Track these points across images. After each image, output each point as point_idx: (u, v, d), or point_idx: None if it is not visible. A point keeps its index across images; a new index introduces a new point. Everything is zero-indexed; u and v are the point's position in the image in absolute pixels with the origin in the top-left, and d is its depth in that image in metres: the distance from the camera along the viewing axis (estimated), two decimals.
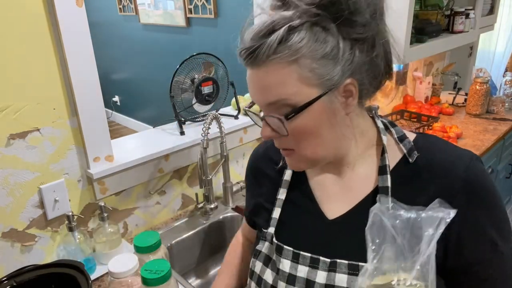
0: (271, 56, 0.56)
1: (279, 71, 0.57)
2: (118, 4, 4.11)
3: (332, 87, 0.59)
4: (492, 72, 3.52)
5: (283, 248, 0.69)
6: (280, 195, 0.75)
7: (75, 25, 1.01)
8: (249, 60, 0.58)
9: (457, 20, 1.99)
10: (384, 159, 0.67)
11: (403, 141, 0.68)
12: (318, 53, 0.56)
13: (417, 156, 0.66)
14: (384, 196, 0.63)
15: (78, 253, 1.07)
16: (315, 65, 0.56)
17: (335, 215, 0.69)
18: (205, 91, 1.45)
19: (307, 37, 0.56)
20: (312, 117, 0.60)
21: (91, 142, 1.12)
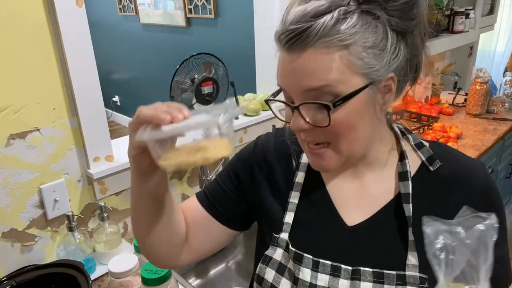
0: (322, 38, 0.52)
1: (328, 55, 0.52)
2: (118, 4, 4.11)
3: (376, 78, 0.56)
4: (492, 72, 3.52)
5: (303, 256, 0.65)
6: (292, 199, 0.70)
7: (75, 25, 1.01)
8: (294, 42, 0.53)
9: (457, 20, 1.99)
10: (404, 165, 0.66)
11: (421, 149, 0.68)
12: (369, 42, 0.53)
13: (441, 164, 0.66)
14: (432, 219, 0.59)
15: (78, 253, 1.07)
16: (364, 53, 0.53)
17: (354, 221, 0.67)
18: (205, 91, 1.45)
19: (359, 24, 0.52)
20: (355, 108, 0.56)
21: (91, 142, 1.12)
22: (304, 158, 0.73)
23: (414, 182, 0.65)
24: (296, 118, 0.58)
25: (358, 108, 0.56)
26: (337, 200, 0.69)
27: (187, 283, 1.09)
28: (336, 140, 0.59)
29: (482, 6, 2.18)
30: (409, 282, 0.60)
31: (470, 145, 1.91)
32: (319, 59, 0.53)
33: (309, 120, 0.57)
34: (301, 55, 0.53)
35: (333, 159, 0.61)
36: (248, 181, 0.76)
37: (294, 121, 0.58)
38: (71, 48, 1.01)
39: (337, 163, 0.61)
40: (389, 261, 0.62)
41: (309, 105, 0.56)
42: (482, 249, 0.53)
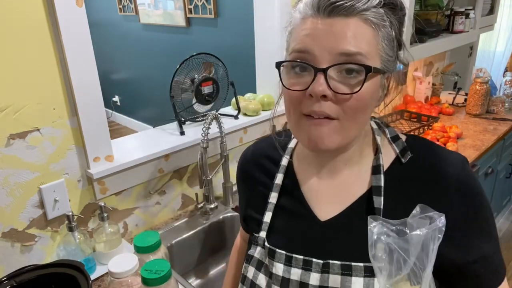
0: (364, 12, 0.56)
1: (367, 27, 0.56)
2: (118, 4, 4.11)
3: (387, 69, 0.60)
4: (492, 72, 3.52)
5: (276, 251, 0.68)
6: (271, 199, 0.74)
7: (75, 25, 1.01)
8: (338, 7, 0.55)
9: (457, 20, 1.99)
10: (378, 158, 0.67)
11: (396, 141, 0.69)
12: (388, 36, 0.59)
13: (410, 157, 0.66)
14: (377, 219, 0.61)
15: (78, 253, 1.07)
16: (387, 42, 0.59)
17: (327, 216, 0.69)
18: (205, 91, 1.45)
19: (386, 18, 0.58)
20: (373, 87, 0.59)
21: (91, 142, 1.12)
22: (284, 161, 0.76)
23: (387, 175, 0.66)
24: (318, 81, 0.56)
25: (374, 88, 0.59)
26: (311, 198, 0.71)
27: (187, 283, 1.09)
28: (346, 115, 0.58)
29: (482, 6, 2.18)
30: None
31: (470, 145, 1.91)
32: (359, 27, 0.56)
33: (332, 87, 0.57)
34: (343, 20, 0.56)
35: (334, 135, 0.60)
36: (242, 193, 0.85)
37: (317, 83, 0.56)
38: (71, 48, 1.01)
39: (336, 140, 0.61)
40: (358, 254, 0.63)
41: (335, 71, 0.57)
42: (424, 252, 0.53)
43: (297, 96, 0.60)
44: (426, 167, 0.65)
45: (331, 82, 0.57)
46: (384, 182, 0.65)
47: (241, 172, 0.84)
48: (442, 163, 0.65)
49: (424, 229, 0.53)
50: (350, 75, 0.57)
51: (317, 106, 0.58)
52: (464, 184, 0.63)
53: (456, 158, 0.66)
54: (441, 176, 0.64)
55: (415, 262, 0.53)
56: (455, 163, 0.65)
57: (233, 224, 1.43)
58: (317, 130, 0.60)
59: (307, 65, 0.58)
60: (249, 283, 0.71)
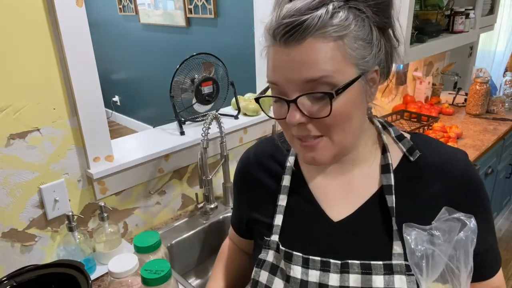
0: (320, 30, 0.54)
1: (326, 45, 0.55)
2: (118, 4, 4.11)
3: (367, 69, 0.60)
4: (492, 72, 3.52)
5: (293, 254, 0.68)
6: (281, 202, 0.73)
7: (75, 25, 1.01)
8: (291, 34, 0.55)
9: (457, 20, 1.99)
10: (386, 157, 0.68)
11: (402, 141, 0.70)
12: (359, 35, 0.57)
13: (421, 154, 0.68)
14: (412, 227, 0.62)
15: (78, 253, 1.07)
16: (356, 45, 0.57)
17: (339, 217, 0.69)
18: (205, 91, 1.45)
19: (350, 17, 0.56)
20: (351, 98, 0.59)
21: (91, 142, 1.12)
22: (290, 162, 0.76)
23: (396, 173, 0.67)
24: (292, 112, 0.59)
25: (353, 98, 0.59)
26: (321, 198, 0.71)
27: (187, 283, 1.09)
28: (331, 132, 0.60)
29: (482, 6, 2.18)
30: (395, 270, 0.62)
31: (470, 145, 1.91)
32: (317, 49, 0.55)
33: (306, 112, 0.58)
34: (299, 46, 0.55)
35: (327, 151, 0.62)
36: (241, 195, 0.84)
37: (291, 115, 0.59)
38: (71, 48, 1.01)
39: (330, 154, 0.63)
40: (375, 252, 0.65)
41: (305, 98, 0.58)
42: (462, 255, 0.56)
43: (282, 122, 0.63)
44: (432, 164, 0.67)
45: (305, 108, 0.58)
46: (394, 180, 0.66)
47: (243, 174, 0.82)
48: (447, 159, 0.67)
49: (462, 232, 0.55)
50: (319, 97, 0.57)
51: (300, 131, 0.61)
52: (469, 179, 0.66)
53: (460, 153, 0.68)
54: (447, 172, 0.66)
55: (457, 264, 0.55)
56: (459, 159, 0.67)
57: None
58: (308, 151, 0.63)
59: (279, 98, 0.60)
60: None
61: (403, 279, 0.62)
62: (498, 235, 2.68)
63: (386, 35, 0.62)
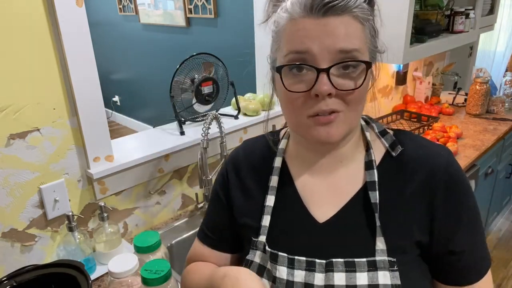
0: (355, 9, 0.58)
1: (357, 25, 0.59)
2: (118, 4, 4.11)
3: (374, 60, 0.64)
4: (492, 72, 3.52)
5: (278, 255, 0.68)
6: (268, 202, 0.72)
7: (75, 25, 1.01)
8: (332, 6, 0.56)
9: (457, 20, 1.99)
10: (370, 154, 0.69)
11: (385, 136, 0.71)
12: (375, 26, 0.63)
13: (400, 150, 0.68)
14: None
15: (78, 253, 1.07)
16: (373, 33, 0.62)
17: (325, 217, 0.69)
18: (205, 91, 1.45)
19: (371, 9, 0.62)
20: (368, 81, 0.62)
21: (91, 142, 1.12)
22: (277, 162, 0.75)
23: (379, 169, 0.68)
24: (322, 81, 0.58)
25: (368, 81, 0.62)
26: (307, 199, 0.71)
27: None
28: (349, 108, 0.61)
29: (482, 6, 2.18)
30: (379, 267, 0.62)
31: (470, 145, 1.91)
32: (352, 25, 0.58)
33: (335, 84, 0.59)
34: (336, 19, 0.57)
35: (341, 127, 0.62)
36: (226, 197, 0.80)
37: (321, 83, 0.58)
38: (71, 48, 1.01)
39: (343, 131, 0.63)
40: (359, 249, 0.65)
41: (336, 69, 0.59)
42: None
43: (299, 97, 0.61)
44: (415, 159, 0.67)
45: (334, 79, 0.59)
46: (377, 176, 0.67)
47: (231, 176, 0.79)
48: (430, 155, 0.67)
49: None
50: (348, 70, 0.59)
51: (323, 104, 0.59)
52: (451, 176, 0.65)
53: (443, 150, 0.68)
54: (429, 167, 0.66)
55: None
56: (442, 155, 0.67)
57: None
58: (326, 128, 0.62)
59: (310, 66, 0.58)
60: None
61: (387, 275, 0.62)
62: (498, 235, 2.67)
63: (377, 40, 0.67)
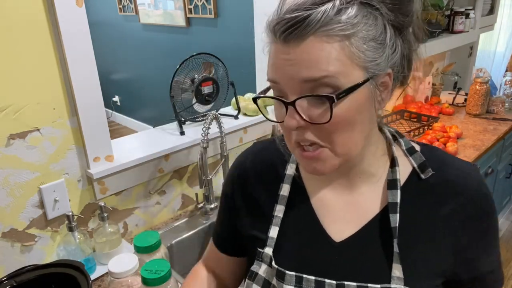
0: (323, 27, 0.49)
1: (329, 44, 0.50)
2: (118, 4, 4.11)
3: (377, 73, 0.53)
4: (492, 72, 3.52)
5: (286, 274, 0.63)
6: (277, 213, 0.67)
7: (75, 25, 1.01)
8: (292, 31, 0.50)
9: (457, 20, 1.99)
10: (394, 172, 0.62)
11: (413, 154, 0.64)
12: (370, 34, 0.51)
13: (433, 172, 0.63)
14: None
15: (78, 253, 1.07)
16: (365, 46, 0.51)
17: (342, 236, 0.64)
18: (205, 91, 1.45)
19: (360, 14, 0.50)
20: (356, 104, 0.53)
21: (91, 142, 1.12)
22: (289, 170, 0.69)
23: (403, 191, 0.62)
24: (290, 114, 0.53)
25: (358, 103, 0.53)
26: (322, 214, 0.66)
27: None
28: (332, 140, 0.55)
29: (482, 6, 2.18)
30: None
31: (470, 145, 1.91)
32: (320, 48, 0.50)
33: (305, 116, 0.53)
34: (300, 44, 0.50)
35: (329, 162, 0.57)
36: (232, 202, 0.75)
37: (289, 118, 0.53)
38: (71, 48, 1.01)
39: (333, 165, 0.57)
40: (374, 274, 0.60)
41: (305, 101, 0.53)
42: None
43: (282, 125, 0.58)
44: (443, 183, 0.62)
45: (304, 111, 0.53)
46: (400, 198, 0.61)
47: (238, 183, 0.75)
48: (460, 179, 0.62)
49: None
50: (320, 100, 0.52)
51: (300, 135, 0.55)
52: (480, 202, 0.61)
53: (473, 170, 0.63)
54: (458, 192, 0.61)
55: None
56: (473, 177, 0.62)
57: None
58: (312, 163, 0.58)
59: (277, 99, 0.55)
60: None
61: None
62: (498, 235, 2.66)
63: (403, 35, 0.56)
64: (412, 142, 0.67)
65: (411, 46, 0.59)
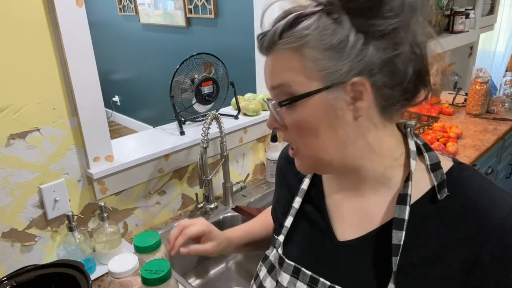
0: (277, 41, 0.56)
1: (284, 56, 0.56)
2: (118, 4, 4.11)
3: (335, 82, 0.53)
4: (492, 72, 3.52)
5: (285, 261, 0.67)
6: (295, 204, 0.72)
7: (75, 25, 1.01)
8: (260, 45, 0.60)
9: (457, 20, 1.99)
10: (406, 186, 0.58)
11: (436, 171, 0.59)
12: (324, 44, 0.52)
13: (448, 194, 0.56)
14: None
15: (78, 253, 1.07)
16: (319, 56, 0.53)
17: (345, 237, 0.64)
18: (205, 91, 1.45)
19: (314, 26, 0.53)
20: (311, 112, 0.56)
21: (91, 142, 1.12)
22: None
23: (415, 208, 0.58)
24: (270, 115, 0.62)
25: (314, 111, 0.56)
26: (334, 212, 0.67)
27: (187, 283, 1.09)
28: (300, 144, 0.61)
29: (482, 6, 2.19)
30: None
31: (470, 145, 1.91)
32: (277, 60, 0.57)
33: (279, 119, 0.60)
34: (268, 56, 0.59)
35: (301, 162, 0.63)
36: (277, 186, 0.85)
37: (268, 118, 0.63)
38: (71, 48, 1.01)
39: (309, 167, 0.64)
40: (367, 283, 0.59)
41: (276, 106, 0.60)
42: None
43: None
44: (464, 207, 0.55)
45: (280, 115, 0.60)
46: (409, 215, 0.57)
47: (277, 169, 0.85)
48: (486, 205, 0.54)
49: None
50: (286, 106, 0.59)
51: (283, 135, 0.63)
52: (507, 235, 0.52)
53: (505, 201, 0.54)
54: (481, 220, 0.53)
55: None
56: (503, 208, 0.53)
57: (233, 224, 1.43)
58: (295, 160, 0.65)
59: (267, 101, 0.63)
60: (258, 283, 0.71)
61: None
62: None
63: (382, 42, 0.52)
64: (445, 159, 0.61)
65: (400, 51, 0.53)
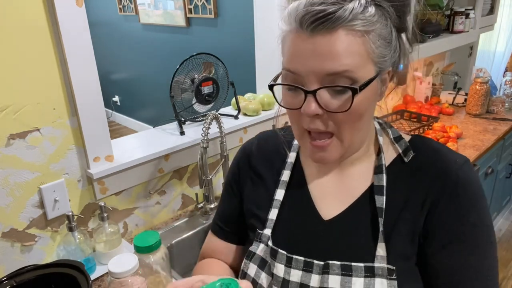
0: (351, 22, 0.53)
1: (354, 39, 0.54)
2: (118, 4, 4.11)
3: (383, 69, 0.59)
4: (492, 72, 3.52)
5: (278, 252, 0.68)
6: (277, 196, 0.73)
7: (75, 25, 1.01)
8: (322, 23, 0.53)
9: (457, 20, 1.99)
10: (380, 158, 0.68)
11: (399, 142, 0.69)
12: (382, 33, 0.57)
13: (413, 156, 0.67)
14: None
15: (78, 253, 1.07)
16: (379, 43, 0.56)
17: (330, 215, 0.69)
18: (205, 91, 1.45)
19: (377, 14, 0.56)
20: (368, 95, 0.58)
21: (91, 142, 1.12)
22: (291, 158, 0.76)
23: (388, 174, 0.66)
24: (309, 102, 0.57)
25: (369, 96, 0.59)
26: (317, 195, 0.71)
27: None
28: (342, 129, 0.59)
29: (482, 6, 2.18)
30: (377, 273, 0.61)
31: (470, 145, 1.91)
32: (345, 42, 0.54)
33: (323, 105, 0.57)
34: (327, 36, 0.53)
35: (336, 150, 0.62)
36: (238, 188, 0.81)
37: (307, 105, 0.57)
38: (71, 48, 1.01)
39: (338, 154, 0.63)
40: (359, 253, 0.64)
41: (325, 91, 0.57)
42: None
43: (294, 113, 0.62)
44: (426, 165, 0.65)
45: (322, 100, 0.57)
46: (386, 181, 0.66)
47: (244, 166, 0.81)
48: (444, 161, 0.65)
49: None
50: (340, 91, 0.57)
51: (312, 123, 0.60)
52: (459, 184, 0.62)
53: (460, 158, 0.66)
54: (440, 173, 0.64)
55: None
56: (456, 162, 0.64)
57: None
58: (321, 153, 0.63)
59: (297, 87, 0.58)
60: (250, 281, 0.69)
61: (384, 283, 0.60)
62: (498, 235, 2.66)
63: (401, 38, 0.62)
64: (404, 134, 0.71)
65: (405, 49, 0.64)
